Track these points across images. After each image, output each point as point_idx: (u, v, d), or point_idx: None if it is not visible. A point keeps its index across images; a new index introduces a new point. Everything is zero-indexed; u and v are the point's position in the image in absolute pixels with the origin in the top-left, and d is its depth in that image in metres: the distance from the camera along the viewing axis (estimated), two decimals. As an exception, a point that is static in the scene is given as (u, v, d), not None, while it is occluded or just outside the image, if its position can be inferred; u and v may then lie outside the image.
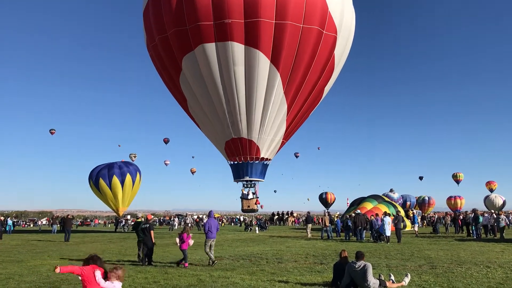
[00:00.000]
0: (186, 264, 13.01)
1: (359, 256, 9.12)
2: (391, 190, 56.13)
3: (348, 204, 39.67)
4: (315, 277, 10.77)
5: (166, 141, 61.04)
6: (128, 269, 12.42)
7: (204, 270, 12.21)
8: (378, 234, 22.63)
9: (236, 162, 27.65)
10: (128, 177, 36.30)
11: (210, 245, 13.71)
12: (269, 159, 28.19)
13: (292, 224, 51.50)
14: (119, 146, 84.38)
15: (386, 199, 35.40)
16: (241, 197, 29.15)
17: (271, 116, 24.89)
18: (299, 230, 37.72)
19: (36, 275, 11.43)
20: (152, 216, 19.73)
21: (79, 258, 15.77)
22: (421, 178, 79.05)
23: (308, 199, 73.55)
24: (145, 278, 10.70)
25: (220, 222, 48.17)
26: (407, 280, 9.74)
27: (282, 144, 28.50)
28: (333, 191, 71.76)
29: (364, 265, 8.90)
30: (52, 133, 54.72)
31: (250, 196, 28.23)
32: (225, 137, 26.27)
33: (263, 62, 22.99)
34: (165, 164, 77.01)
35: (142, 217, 16.43)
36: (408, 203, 57.29)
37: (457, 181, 68.79)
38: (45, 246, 22.28)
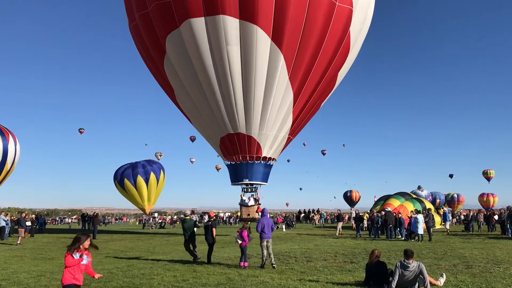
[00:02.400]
0: (246, 264, 12.26)
1: (410, 254, 8.79)
2: (419, 187, 55.05)
3: (375, 201, 39.15)
4: (346, 277, 10.53)
5: (192, 139, 61.29)
6: (157, 267, 12.43)
7: (233, 268, 12.09)
8: (409, 232, 22.14)
9: (233, 163, 23.90)
10: (152, 176, 36.61)
11: (267, 246, 12.30)
12: (273, 159, 24.33)
13: (318, 222, 51.04)
14: (146, 144, 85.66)
15: (414, 196, 34.71)
16: (240, 204, 25.35)
17: (274, 106, 21.07)
18: (326, 228, 37.32)
19: (67, 273, 11.48)
20: (214, 213, 19.49)
21: (108, 256, 15.91)
22: (451, 176, 77.32)
23: (334, 197, 73.20)
24: (174, 277, 10.64)
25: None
26: (442, 280, 9.39)
27: (289, 140, 24.43)
28: (359, 189, 71.28)
29: (419, 265, 8.60)
30: (81, 133, 55.62)
31: (251, 202, 24.41)
32: (220, 132, 22.62)
33: (263, 40, 19.00)
34: (191, 162, 77.43)
35: (191, 214, 16.08)
36: (438, 200, 56.11)
37: (488, 178, 67.12)
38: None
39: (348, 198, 66.97)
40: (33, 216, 35.28)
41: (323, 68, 20.81)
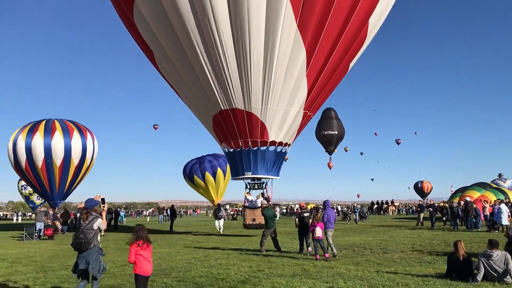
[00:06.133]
0: (327, 255, 12.03)
1: (495, 244, 8.40)
2: (499, 176, 51.66)
3: (452, 192, 37.62)
4: (425, 269, 10.17)
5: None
6: (233, 258, 12.69)
7: (307, 260, 12.08)
8: (491, 223, 21.00)
9: (231, 150, 18.28)
10: (219, 170, 37.46)
11: (328, 235, 12.69)
12: (287, 144, 18.46)
13: (392, 213, 49.74)
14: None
15: (494, 186, 32.79)
16: (244, 206, 20.27)
17: (280, 69, 15.37)
18: (401, 219, 36.29)
19: (148, 262, 12.01)
20: (304, 204, 18.97)
21: (186, 246, 16.46)
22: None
23: (408, 188, 70.69)
24: (250, 267, 10.82)
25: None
26: None
27: (306, 118, 18.22)
28: (434, 178, 68.47)
29: (505, 255, 8.19)
30: (155, 128, 57.65)
31: (259, 203, 18.60)
32: (212, 108, 17.29)
33: None
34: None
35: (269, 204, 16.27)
36: (520, 188, 52.37)
37: None
38: (153, 235, 23.56)
39: (419, 189, 64.49)
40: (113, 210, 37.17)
41: (346, 11, 14.82)
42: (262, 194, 18.98)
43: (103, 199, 7.86)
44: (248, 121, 16.83)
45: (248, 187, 19.13)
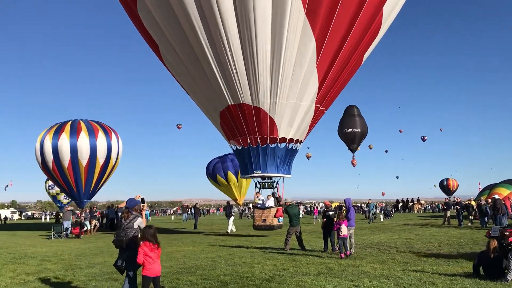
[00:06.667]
0: (348, 253, 12.09)
1: None
2: (530, 172, 50.29)
3: (480, 189, 36.87)
4: (453, 267, 9.98)
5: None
6: (257, 256, 12.70)
7: (332, 258, 12.00)
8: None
9: (240, 147, 17.63)
10: (241, 169, 37.53)
11: (350, 234, 12.73)
12: (298, 141, 17.72)
13: (418, 212, 48.99)
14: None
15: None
16: (254, 206, 19.43)
17: (288, 60, 14.60)
18: (427, 217, 35.75)
19: (173, 261, 12.13)
20: (329, 202, 18.70)
21: (210, 244, 16.55)
22: None
23: (434, 185, 69.39)
24: (274, 265, 10.80)
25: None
26: None
27: (318, 113, 17.40)
28: (461, 176, 67.21)
29: None
30: (179, 128, 58.14)
31: (271, 203, 17.98)
32: (218, 104, 16.62)
33: None
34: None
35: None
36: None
37: None
38: (178, 233, 23.79)
39: (445, 187, 63.35)
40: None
41: None
42: (273, 194, 18.23)
43: (142, 199, 8.06)
44: (256, 117, 16.16)
45: (258, 186, 18.40)
